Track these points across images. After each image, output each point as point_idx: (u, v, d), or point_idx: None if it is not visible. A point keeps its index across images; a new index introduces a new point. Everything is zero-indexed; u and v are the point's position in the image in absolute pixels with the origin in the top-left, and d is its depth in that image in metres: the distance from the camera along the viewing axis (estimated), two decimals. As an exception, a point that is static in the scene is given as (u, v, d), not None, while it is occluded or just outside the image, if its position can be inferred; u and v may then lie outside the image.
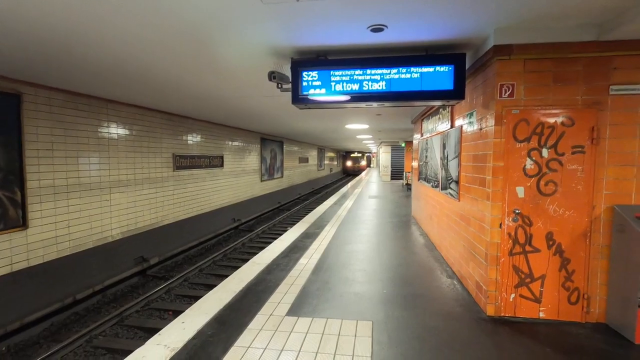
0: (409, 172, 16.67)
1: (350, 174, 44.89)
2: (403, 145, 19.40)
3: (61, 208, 5.69)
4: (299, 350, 2.79)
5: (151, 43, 3.40)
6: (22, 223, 5.05)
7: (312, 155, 26.57)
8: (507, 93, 3.16)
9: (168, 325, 3.19)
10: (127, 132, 7.09)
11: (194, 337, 2.99)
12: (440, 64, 3.40)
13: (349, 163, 46.01)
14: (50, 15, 2.74)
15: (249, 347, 2.85)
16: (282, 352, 2.78)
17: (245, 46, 3.52)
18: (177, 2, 2.55)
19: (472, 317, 3.36)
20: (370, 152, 49.97)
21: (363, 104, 3.74)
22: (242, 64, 4.15)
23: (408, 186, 16.47)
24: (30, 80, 4.97)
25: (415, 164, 8.77)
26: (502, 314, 3.33)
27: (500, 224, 3.26)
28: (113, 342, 4.84)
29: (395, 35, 3.18)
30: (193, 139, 9.61)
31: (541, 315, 3.27)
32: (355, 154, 45.21)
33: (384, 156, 23.12)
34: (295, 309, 3.55)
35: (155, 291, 6.35)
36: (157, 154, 8.08)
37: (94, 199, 6.32)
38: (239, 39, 3.32)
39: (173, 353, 2.76)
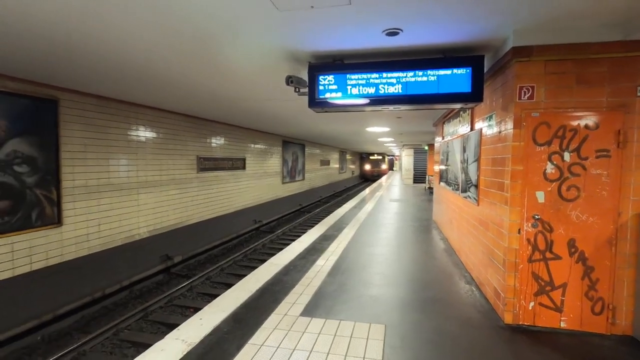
0: (432, 176, 16.38)
1: (368, 179, 39.10)
2: (426, 148, 19.09)
3: (93, 207, 6.01)
4: (311, 350, 2.83)
5: (174, 51, 3.57)
6: (57, 220, 5.38)
7: (334, 158, 26.61)
8: (527, 95, 3.09)
9: (187, 321, 3.32)
10: (153, 134, 7.40)
11: (210, 333, 3.09)
12: (458, 66, 3.36)
13: (367, 166, 39.86)
14: (87, 28, 2.93)
15: (262, 345, 2.92)
16: (294, 351, 2.83)
17: (263, 52, 3.62)
18: (194, 13, 2.67)
19: (489, 325, 3.28)
20: (392, 155, 49.08)
21: (379, 107, 3.75)
22: (261, 69, 4.26)
23: (430, 190, 16.18)
24: (66, 87, 5.30)
25: (436, 167, 8.64)
26: (521, 323, 3.23)
27: (519, 230, 3.17)
28: (137, 336, 5.06)
29: (410, 38, 3.18)
30: (216, 141, 9.89)
31: (562, 325, 3.15)
32: (375, 156, 39.63)
33: (407, 159, 22.83)
34: (310, 310, 3.59)
35: (178, 288, 6.58)
36: (182, 156, 8.38)
37: (122, 198, 6.64)
38: (256, 46, 3.43)
39: (190, 347, 2.86)
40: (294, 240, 10.15)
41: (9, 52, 3.59)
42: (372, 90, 3.59)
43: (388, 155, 46.57)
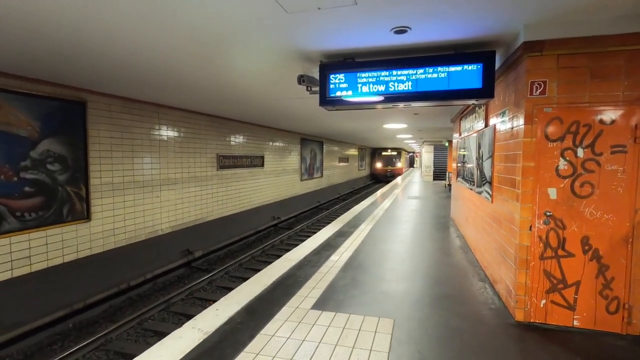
0: (451, 173, 16.12)
1: (380, 180, 32.35)
2: (446, 144, 18.76)
3: (118, 203, 6.33)
4: (320, 342, 2.93)
5: (193, 55, 3.73)
6: (86, 216, 5.71)
7: (353, 154, 26.56)
8: (539, 91, 3.05)
9: (203, 312, 3.49)
10: (175, 134, 7.68)
11: (225, 323, 3.24)
12: (469, 62, 3.35)
13: (378, 164, 33.09)
14: (115, 38, 3.13)
15: (273, 335, 3.04)
16: (304, 342, 2.93)
17: (276, 53, 3.73)
18: (209, 19, 2.80)
19: (500, 322, 3.27)
20: (412, 152, 48.15)
21: (390, 105, 3.78)
22: (275, 69, 4.37)
23: (450, 187, 15.92)
24: (93, 89, 5.61)
25: (453, 164, 8.53)
26: (532, 320, 3.20)
27: (530, 227, 3.14)
28: (159, 326, 5.32)
29: (419, 36, 3.20)
30: (235, 139, 10.12)
31: (575, 323, 3.10)
32: (388, 152, 32.80)
33: (426, 156, 22.51)
34: (321, 303, 3.69)
35: (199, 282, 6.83)
36: (202, 154, 8.65)
37: (146, 195, 6.95)
38: (269, 47, 3.53)
39: (206, 336, 3.02)
40: (311, 236, 10.28)
41: (43, 58, 3.85)
42: (382, 88, 3.63)
43: (407, 152, 44.60)
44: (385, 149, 32.95)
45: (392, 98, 3.63)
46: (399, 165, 33.01)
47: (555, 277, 3.12)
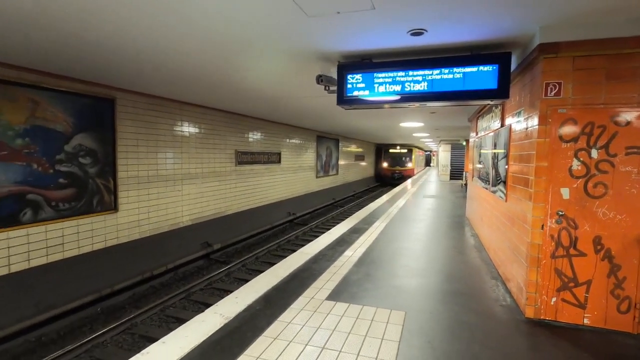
0: (468, 172, 15.95)
1: (387, 183, 27.17)
2: (464, 143, 18.55)
3: (143, 196, 6.65)
4: (333, 330, 3.08)
5: (218, 56, 3.93)
6: (113, 207, 6.03)
7: (369, 152, 26.53)
8: (554, 92, 3.09)
9: (224, 299, 3.70)
10: (196, 130, 7.96)
11: (244, 310, 3.44)
12: (484, 63, 3.41)
13: (384, 164, 27.97)
14: (148, 40, 3.35)
15: (289, 322, 3.21)
16: (318, 329, 3.09)
17: (295, 54, 3.88)
18: (227, 24, 2.97)
19: (510, 318, 3.35)
20: (430, 151, 47.62)
21: (405, 104, 3.88)
22: (295, 69, 4.52)
23: (466, 186, 15.77)
24: (122, 87, 5.91)
25: (470, 163, 8.50)
26: (542, 317, 3.26)
27: (542, 226, 3.20)
28: (181, 313, 5.59)
29: (435, 37, 3.29)
30: (253, 136, 10.36)
31: (586, 321, 3.15)
32: (397, 149, 27.62)
33: (443, 155, 22.30)
34: (335, 295, 3.84)
35: (217, 273, 7.10)
36: (221, 150, 8.92)
37: (168, 189, 7.25)
38: (288, 49, 3.68)
39: (227, 321, 3.22)
40: (325, 232, 10.44)
41: (76, 57, 4.12)
42: (398, 88, 3.73)
43: (425, 151, 43.56)
44: (394, 146, 27.74)
45: (408, 98, 3.73)
46: (410, 165, 27.73)
47: (566, 276, 3.17)
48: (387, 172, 27.72)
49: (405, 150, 27.73)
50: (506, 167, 4.28)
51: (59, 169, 5.16)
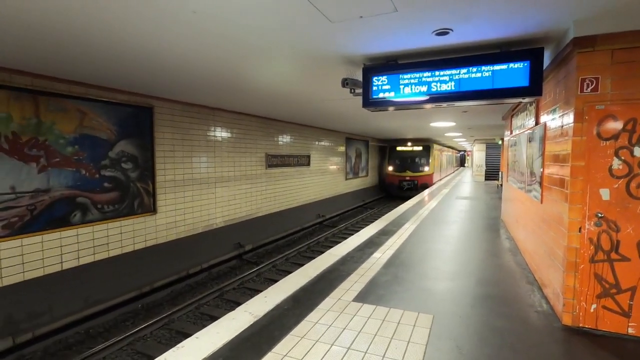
0: (504, 172, 15.29)
1: (392, 194, 20.18)
2: (499, 142, 17.80)
3: (179, 198, 6.99)
4: (359, 331, 3.10)
5: (249, 64, 4.09)
6: (152, 209, 6.40)
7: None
8: (590, 88, 2.94)
9: (253, 298, 3.82)
10: (228, 134, 8.26)
11: (272, 309, 3.54)
12: (515, 60, 3.31)
13: (390, 167, 20.07)
14: (187, 53, 3.57)
15: (316, 322, 3.27)
16: (344, 330, 3.12)
17: (319, 59, 3.94)
18: (249, 33, 3.09)
19: (545, 324, 3.21)
20: (464, 151, 46.08)
21: (432, 105, 3.83)
22: (321, 72, 4.59)
23: (501, 187, 15.13)
24: (159, 95, 6.26)
25: (504, 163, 8.18)
26: (581, 325, 3.10)
27: (580, 228, 3.04)
28: (214, 311, 5.82)
29: (461, 36, 3.23)
30: (283, 139, 10.57)
31: (630, 331, 2.95)
32: (409, 146, 19.96)
33: (478, 154, 21.53)
34: (362, 297, 3.85)
35: (249, 273, 7.31)
36: (252, 154, 9.18)
37: (203, 191, 7.57)
38: (315, 52, 3.75)
39: (256, 319, 3.33)
40: (354, 234, 10.43)
41: (120, 71, 4.44)
42: (424, 89, 3.70)
43: (459, 150, 41.94)
44: (404, 141, 20.11)
45: (435, 98, 3.68)
46: (426, 169, 19.65)
47: (607, 282, 2.99)
48: (394, 179, 19.93)
49: (420, 148, 19.68)
50: (541, 166, 4.10)
51: (104, 174, 5.56)
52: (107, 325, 5.34)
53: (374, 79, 3.90)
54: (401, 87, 3.79)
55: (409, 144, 20.00)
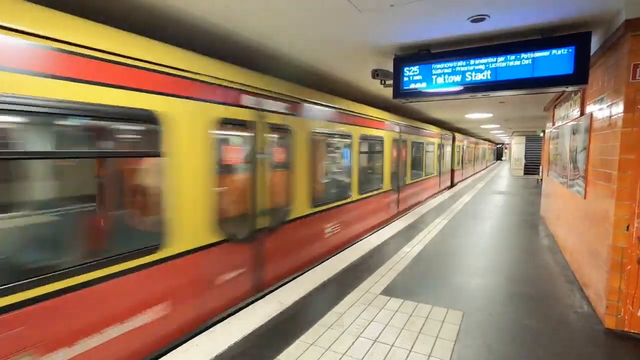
0: (544, 166, 14.48)
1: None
2: (541, 134, 16.83)
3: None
4: (386, 324, 3.09)
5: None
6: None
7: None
8: (643, 74, 2.71)
9: (282, 287, 3.91)
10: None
11: (301, 299, 3.60)
12: (558, 46, 3.11)
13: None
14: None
15: (343, 313, 3.30)
16: (371, 322, 3.13)
17: (351, 49, 3.90)
18: (270, 27, 3.10)
19: (584, 327, 3.04)
20: (502, 144, 44.09)
21: (466, 96, 3.70)
22: (349, 64, 4.54)
23: (541, 182, 14.35)
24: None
25: (545, 156, 7.75)
26: (626, 329, 2.91)
27: (628, 226, 2.83)
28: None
29: (499, 22, 3.08)
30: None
31: (683, 338, 2.73)
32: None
33: (516, 147, 20.50)
34: (389, 290, 3.83)
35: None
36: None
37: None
38: (344, 45, 3.72)
39: (284, 307, 3.41)
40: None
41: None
42: (458, 79, 3.58)
43: (496, 143, 40.04)
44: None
45: (469, 88, 3.55)
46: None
47: (657, 284, 2.78)
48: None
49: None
50: (586, 160, 3.84)
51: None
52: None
53: (405, 69, 3.81)
54: (433, 77, 3.69)
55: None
